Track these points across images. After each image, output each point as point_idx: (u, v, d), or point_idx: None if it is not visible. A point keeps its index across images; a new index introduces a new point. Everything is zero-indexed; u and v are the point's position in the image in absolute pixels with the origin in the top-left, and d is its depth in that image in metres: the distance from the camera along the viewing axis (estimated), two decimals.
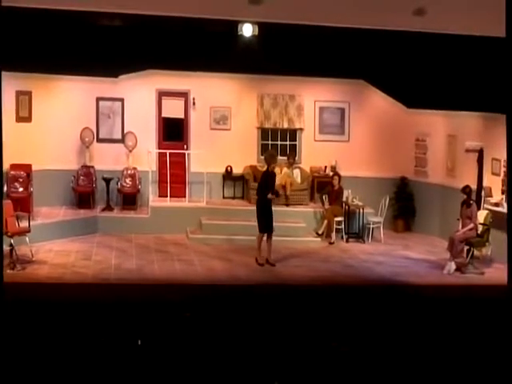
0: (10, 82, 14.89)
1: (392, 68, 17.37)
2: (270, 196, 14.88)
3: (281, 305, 10.42)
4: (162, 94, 18.58)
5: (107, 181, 17.63)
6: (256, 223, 15.07)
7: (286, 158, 18.58)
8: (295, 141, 19.12)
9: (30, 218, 14.99)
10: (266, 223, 14.90)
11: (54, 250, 15.27)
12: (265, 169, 15.42)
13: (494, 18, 12.33)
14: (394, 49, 16.45)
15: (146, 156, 17.90)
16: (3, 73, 8.17)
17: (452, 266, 14.55)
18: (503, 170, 15.16)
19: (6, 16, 8.68)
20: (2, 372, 7.11)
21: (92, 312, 9.21)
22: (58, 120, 17.73)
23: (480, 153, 16.10)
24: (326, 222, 17.11)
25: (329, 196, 17.42)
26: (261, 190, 15.05)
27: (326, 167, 18.81)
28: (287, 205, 17.76)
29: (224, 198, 18.68)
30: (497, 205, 15.07)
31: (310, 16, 12.66)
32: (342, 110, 19.14)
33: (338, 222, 17.27)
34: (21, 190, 16.13)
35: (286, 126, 19.00)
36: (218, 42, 16.00)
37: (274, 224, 15.15)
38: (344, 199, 17.51)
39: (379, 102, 18.98)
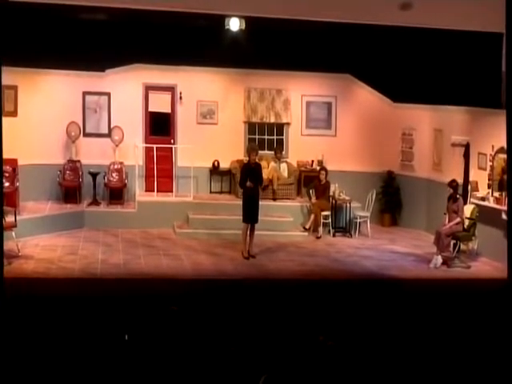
0: None
1: (378, 62, 17.45)
2: (248, 184, 14.83)
3: (267, 299, 10.43)
4: (148, 89, 18.50)
5: (94, 175, 17.56)
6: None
7: (272, 152, 18.58)
8: (282, 135, 19.10)
9: (16, 212, 14.90)
10: (247, 213, 14.91)
11: (41, 244, 15.21)
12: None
13: (479, 12, 12.39)
14: (381, 43, 16.55)
15: (132, 150, 17.85)
16: None
17: (438, 259, 14.59)
18: (489, 164, 15.21)
19: None
20: None
21: (78, 307, 9.19)
22: (44, 114, 17.64)
23: (466, 147, 16.11)
24: (312, 216, 17.11)
25: (316, 190, 17.42)
26: (241, 182, 15.11)
27: (312, 161, 18.79)
28: (274, 199, 17.76)
29: (211, 192, 18.64)
30: (483, 199, 15.11)
31: (296, 10, 12.70)
32: (329, 105, 19.13)
33: (325, 217, 17.28)
34: (7, 184, 16.02)
35: (272, 120, 18.98)
36: (205, 36, 16.03)
37: (261, 218, 15.14)
38: (331, 193, 17.50)
39: (366, 96, 18.99)
